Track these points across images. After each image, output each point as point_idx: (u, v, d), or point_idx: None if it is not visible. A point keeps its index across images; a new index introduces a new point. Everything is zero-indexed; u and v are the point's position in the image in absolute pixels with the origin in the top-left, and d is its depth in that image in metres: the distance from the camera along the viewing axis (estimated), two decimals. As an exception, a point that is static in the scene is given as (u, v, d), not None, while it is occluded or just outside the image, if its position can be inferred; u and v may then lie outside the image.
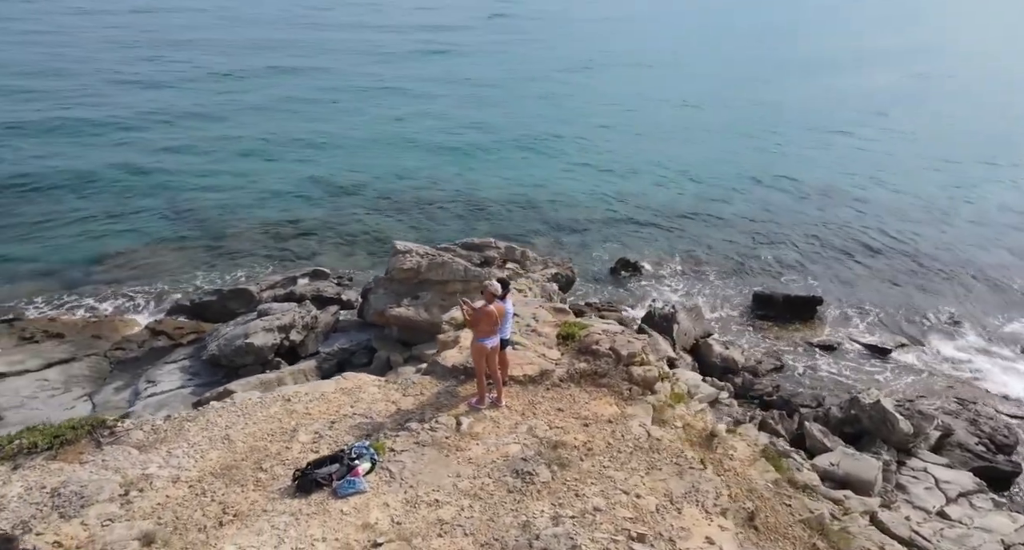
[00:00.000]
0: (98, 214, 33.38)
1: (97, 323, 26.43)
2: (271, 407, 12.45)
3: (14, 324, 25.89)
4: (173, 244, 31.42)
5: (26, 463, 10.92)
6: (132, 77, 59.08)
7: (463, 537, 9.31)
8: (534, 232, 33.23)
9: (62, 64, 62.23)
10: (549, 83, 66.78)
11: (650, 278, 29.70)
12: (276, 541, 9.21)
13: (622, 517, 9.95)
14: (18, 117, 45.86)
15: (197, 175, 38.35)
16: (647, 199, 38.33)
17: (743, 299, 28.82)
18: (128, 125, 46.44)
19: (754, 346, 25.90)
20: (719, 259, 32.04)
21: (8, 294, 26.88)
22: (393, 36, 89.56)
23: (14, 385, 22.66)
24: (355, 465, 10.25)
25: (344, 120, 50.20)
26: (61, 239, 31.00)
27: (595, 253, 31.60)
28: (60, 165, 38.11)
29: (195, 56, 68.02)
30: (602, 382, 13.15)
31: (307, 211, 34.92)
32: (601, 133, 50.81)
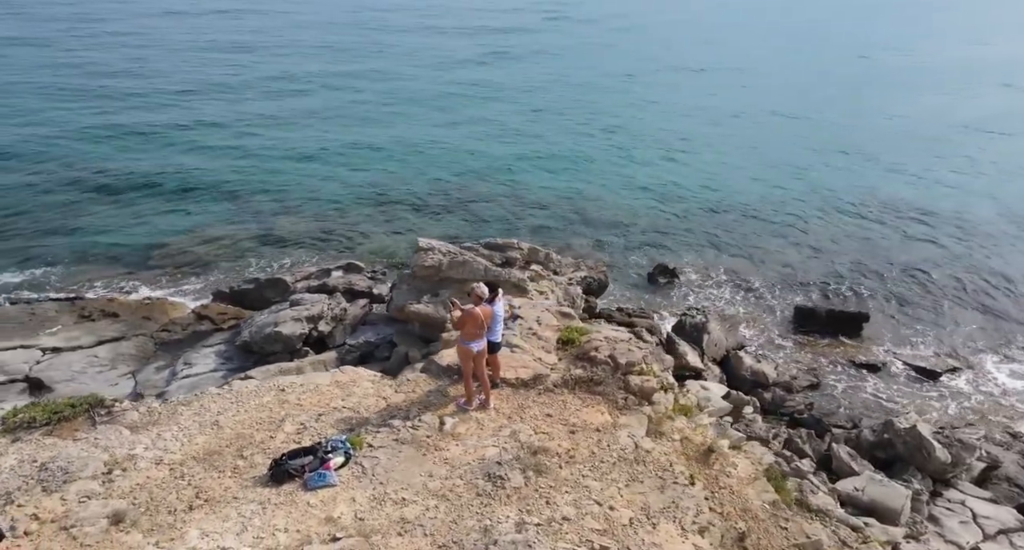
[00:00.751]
0: (163, 205, 35.39)
1: (149, 305, 27.62)
2: (265, 396, 12.72)
3: (76, 303, 27.30)
4: (228, 234, 32.70)
5: (24, 436, 11.44)
6: (203, 79, 60.91)
7: (422, 537, 9.33)
8: (575, 233, 33.03)
9: (141, 65, 64.78)
10: (606, 86, 66.21)
11: (688, 286, 29.15)
12: (239, 528, 9.40)
13: (590, 528, 9.80)
14: (98, 115, 48.12)
15: (256, 172, 39.98)
16: (698, 205, 37.65)
17: (785, 312, 28.02)
18: (194, 125, 48.18)
19: (791, 361, 25.16)
20: (764, 270, 31.21)
21: (76, 276, 28.67)
22: (455, 40, 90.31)
23: (68, 359, 23.84)
24: (328, 458, 10.38)
25: (399, 122, 50.96)
26: (128, 227, 32.98)
27: (634, 258, 31.21)
28: (133, 159, 40.19)
29: (264, 59, 69.80)
30: (597, 390, 12.98)
31: (355, 207, 35.69)
32: (661, 138, 50.07)
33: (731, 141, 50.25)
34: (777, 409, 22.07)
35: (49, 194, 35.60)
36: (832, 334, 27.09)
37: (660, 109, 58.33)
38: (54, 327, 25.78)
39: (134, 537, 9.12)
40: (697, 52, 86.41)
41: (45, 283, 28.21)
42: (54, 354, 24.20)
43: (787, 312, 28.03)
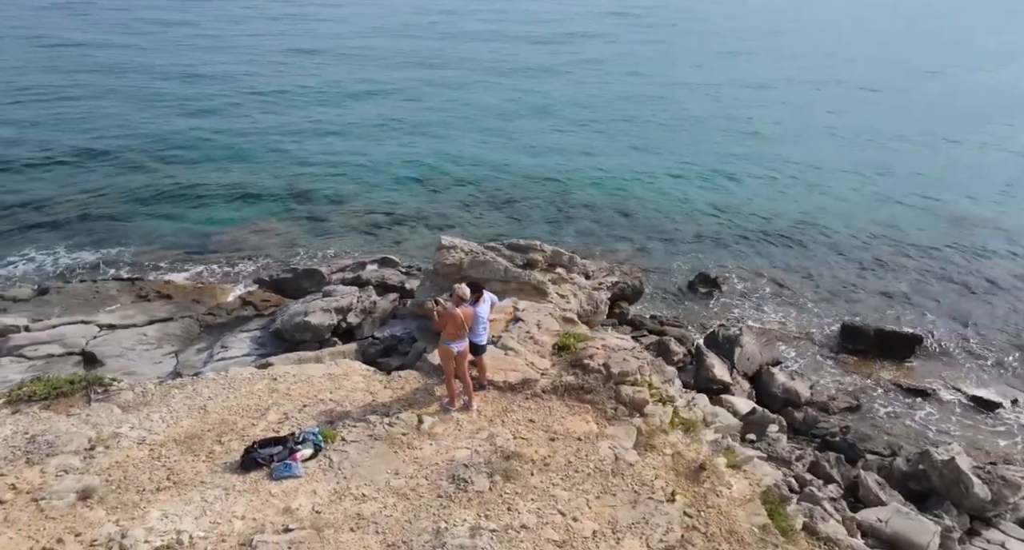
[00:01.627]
0: (226, 195, 37.17)
1: (200, 288, 28.85)
2: (257, 384, 13.02)
3: (135, 283, 28.80)
4: (283, 224, 34.01)
5: (24, 409, 12.03)
6: (270, 81, 62.40)
7: (373, 534, 9.40)
8: (620, 237, 32.66)
9: (213, 68, 67.20)
10: (669, 94, 64.95)
11: (730, 297, 28.42)
12: (199, 512, 9.65)
13: (547, 538, 9.69)
14: (174, 114, 50.44)
15: (316, 167, 41.34)
16: (753, 215, 36.67)
17: (831, 329, 27.01)
18: (262, 125, 49.91)
19: (831, 381, 24.27)
20: (815, 284, 30.17)
21: (140, 258, 30.51)
22: (514, 45, 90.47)
23: (120, 336, 25.13)
24: (297, 450, 10.56)
25: (455, 122, 51.47)
26: (193, 215, 34.92)
27: (677, 264, 30.62)
28: (204, 154, 42.42)
29: (328, 62, 71.16)
30: (587, 398, 12.81)
31: (406, 202, 36.35)
32: (721, 145, 48.95)
33: (795, 150, 48.77)
34: (808, 430, 21.32)
35: (127, 183, 37.93)
36: (881, 355, 25.98)
37: (721, 117, 56.96)
38: (113, 305, 27.22)
39: (97, 513, 9.46)
40: (756, 62, 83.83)
41: (114, 263, 30.11)
42: (109, 331, 25.53)
43: (833, 329, 27.04)
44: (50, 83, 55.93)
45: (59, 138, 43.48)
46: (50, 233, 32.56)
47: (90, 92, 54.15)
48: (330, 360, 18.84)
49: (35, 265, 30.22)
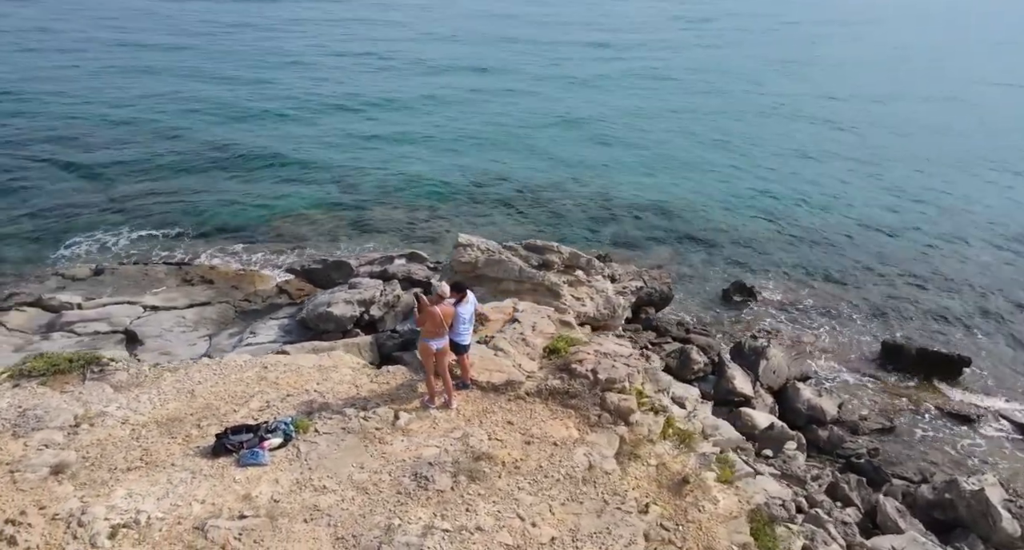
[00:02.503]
0: (279, 186, 38.42)
1: (241, 275, 29.79)
2: (247, 371, 13.30)
3: (182, 268, 30.03)
4: (329, 216, 34.91)
5: (24, 384, 12.57)
6: (324, 85, 63.82)
7: (325, 527, 9.50)
8: (658, 241, 32.20)
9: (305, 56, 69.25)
10: (739, 92, 63.61)
11: (766, 307, 27.65)
12: (162, 493, 9.92)
13: (500, 542, 9.64)
14: (239, 103, 52.42)
15: (366, 161, 42.26)
16: (797, 220, 35.69)
17: (871, 346, 26.01)
18: (323, 110, 51.26)
19: (865, 400, 23.35)
20: (860, 298, 29.13)
21: (191, 243, 31.88)
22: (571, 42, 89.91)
23: (161, 318, 26.21)
24: (266, 438, 10.72)
25: (505, 122, 51.65)
26: (246, 203, 36.14)
27: (715, 271, 29.97)
28: (262, 145, 43.79)
29: (383, 66, 72.04)
30: (571, 403, 12.66)
31: (448, 201, 36.66)
32: (778, 151, 47.69)
33: (855, 159, 47.09)
34: (833, 449, 20.61)
35: (190, 173, 39.73)
36: (923, 376, 24.92)
37: (786, 120, 55.48)
38: (159, 288, 28.41)
39: (65, 488, 9.81)
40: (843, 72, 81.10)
41: (169, 246, 31.54)
42: (152, 312, 26.67)
43: (874, 347, 26.00)
44: (125, 81, 58.41)
45: (132, 131, 45.76)
46: (116, 216, 34.29)
47: (162, 89, 56.34)
48: (343, 350, 19.11)
49: (98, 245, 31.82)
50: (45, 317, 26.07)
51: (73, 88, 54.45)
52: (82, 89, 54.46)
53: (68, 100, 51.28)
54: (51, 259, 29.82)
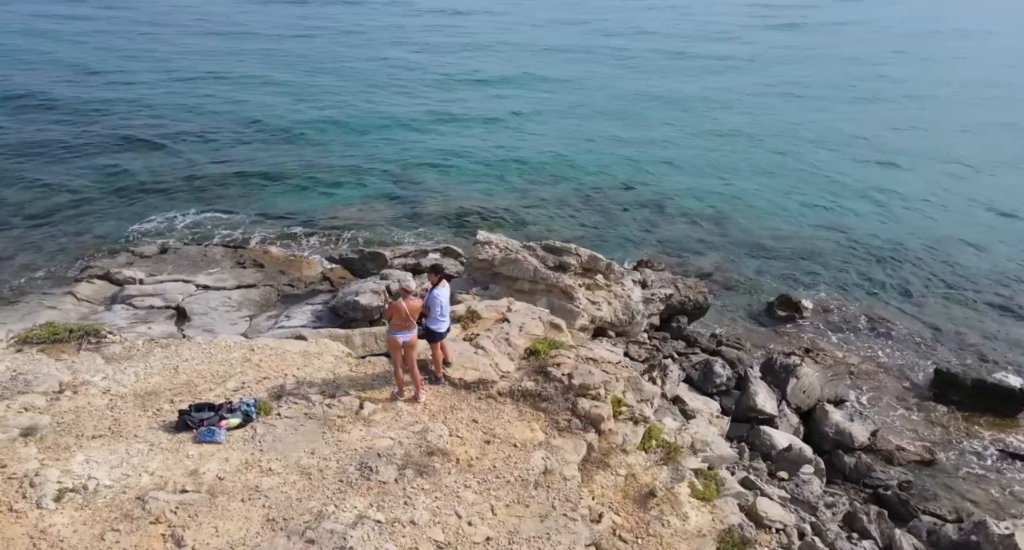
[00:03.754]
0: (342, 177, 39.72)
1: (291, 261, 30.90)
2: (234, 352, 13.74)
3: (237, 250, 31.32)
4: (385, 207, 35.71)
5: (26, 350, 13.36)
6: (396, 73, 65.15)
7: (260, 507, 9.74)
8: (709, 247, 31.44)
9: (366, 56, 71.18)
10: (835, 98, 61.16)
11: (812, 323, 26.59)
12: (118, 461, 10.39)
13: (430, 537, 9.69)
14: (314, 99, 54.53)
15: (427, 154, 43.22)
16: (869, 235, 34.16)
17: (923, 373, 24.61)
18: (393, 115, 52.54)
19: (908, 429, 22.11)
20: (919, 320, 27.66)
21: (251, 226, 33.41)
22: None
23: (209, 297, 27.53)
24: (225, 417, 11.06)
25: (576, 123, 51.42)
26: (309, 191, 37.80)
27: (765, 282, 29.02)
28: (333, 138, 45.87)
29: (464, 57, 72.79)
30: (542, 406, 12.57)
31: (502, 197, 37.08)
32: (856, 161, 45.62)
33: (948, 171, 44.61)
34: (860, 478, 19.68)
35: (261, 159, 41.74)
36: (978, 409, 23.48)
37: (870, 126, 52.98)
38: (214, 268, 29.82)
39: (29, 450, 10.40)
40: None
41: (232, 228, 33.14)
42: (203, 291, 28.07)
43: (927, 373, 24.60)
44: (210, 68, 61.35)
45: (215, 118, 48.71)
46: (189, 197, 36.42)
47: (244, 78, 58.90)
48: (359, 339, 19.45)
49: (168, 224, 33.65)
50: (110, 290, 27.85)
51: (173, 77, 57.92)
52: (181, 78, 57.86)
53: (169, 89, 54.76)
54: (128, 234, 31.73)
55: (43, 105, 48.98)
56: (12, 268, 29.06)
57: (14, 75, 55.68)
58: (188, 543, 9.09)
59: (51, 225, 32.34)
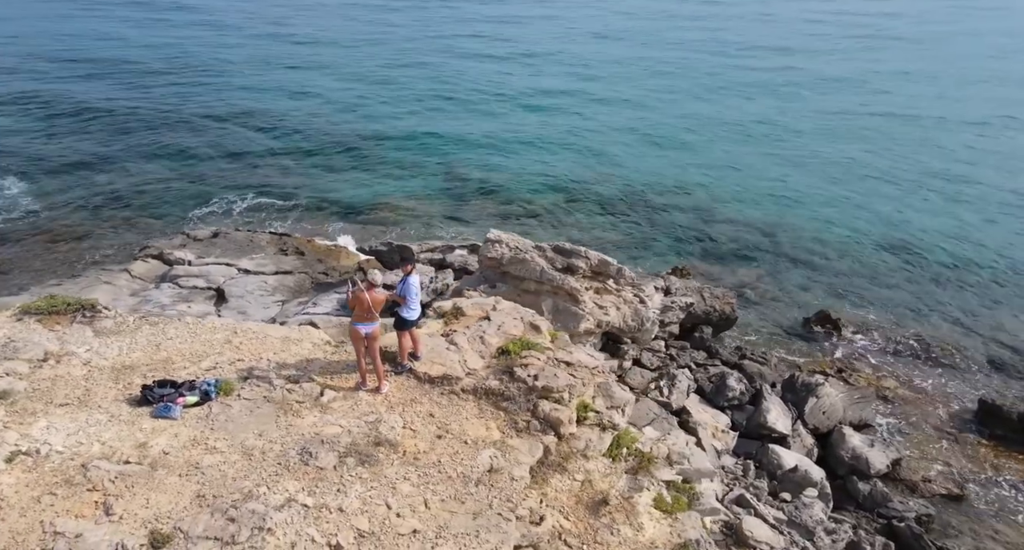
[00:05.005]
0: (394, 171, 41.07)
1: (330, 250, 31.78)
2: (218, 333, 14.25)
3: (282, 238, 32.38)
4: (430, 202, 36.58)
5: (26, 319, 14.19)
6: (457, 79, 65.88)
7: (194, 484, 10.11)
8: (752, 259, 30.67)
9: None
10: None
11: (850, 342, 25.57)
12: (75, 429, 10.97)
13: (353, 525, 9.88)
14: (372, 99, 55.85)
15: (480, 154, 43.90)
16: (929, 255, 32.55)
17: (966, 402, 23.34)
18: (452, 104, 53.55)
19: (938, 460, 21.03)
20: (971, 347, 26.26)
21: (300, 215, 35.00)
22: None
23: (247, 280, 28.66)
24: (183, 395, 11.49)
25: (636, 129, 50.97)
26: (361, 184, 39.06)
27: (807, 297, 28.09)
28: (386, 136, 46.78)
29: (530, 63, 72.52)
30: (503, 405, 12.60)
31: (545, 195, 37.16)
32: (928, 168, 43.41)
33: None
34: (874, 507, 18.84)
35: (322, 151, 43.67)
36: (1022, 444, 21.97)
37: (953, 143, 50.28)
38: (257, 254, 30.95)
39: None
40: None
41: (282, 216, 34.79)
42: (243, 274, 29.26)
43: (969, 403, 23.34)
44: (287, 67, 63.96)
45: (284, 111, 50.89)
46: (250, 183, 38.37)
47: (315, 76, 61.00)
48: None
49: (226, 208, 35.23)
50: (162, 269, 29.36)
51: (253, 74, 61.23)
52: (266, 75, 60.70)
53: (253, 83, 57.57)
54: (190, 217, 33.35)
55: (134, 94, 52.42)
56: (85, 244, 31.27)
57: (112, 68, 59.59)
58: (116, 512, 9.49)
59: (127, 206, 34.54)
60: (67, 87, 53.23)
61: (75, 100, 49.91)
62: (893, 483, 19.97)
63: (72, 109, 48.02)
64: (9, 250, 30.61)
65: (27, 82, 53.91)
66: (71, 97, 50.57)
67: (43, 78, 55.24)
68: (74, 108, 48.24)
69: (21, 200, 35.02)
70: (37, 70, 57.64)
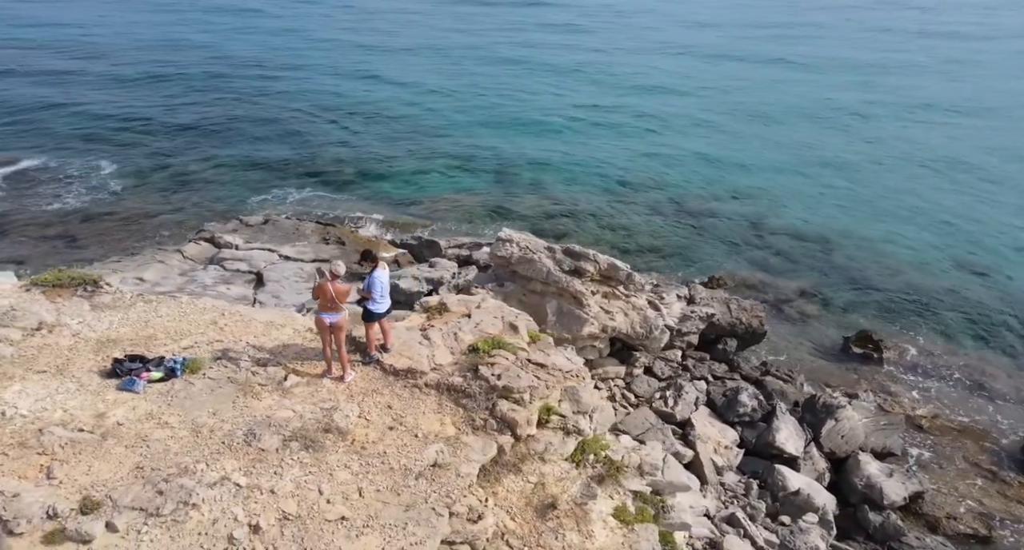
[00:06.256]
0: (447, 166, 41.82)
1: (370, 241, 32.61)
2: (206, 314, 14.88)
3: (327, 228, 33.42)
4: (476, 199, 36.96)
5: (33, 290, 15.15)
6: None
7: (137, 456, 10.65)
8: (800, 273, 29.84)
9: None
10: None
11: (892, 365, 24.55)
12: (44, 395, 11.71)
13: (279, 507, 10.23)
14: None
15: (532, 153, 44.18)
16: (1000, 282, 30.59)
17: (1011, 437, 22.11)
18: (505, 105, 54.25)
19: (968, 498, 19.98)
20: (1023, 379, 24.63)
21: (350, 205, 36.21)
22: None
23: (285, 266, 29.88)
24: (149, 370, 12.08)
25: (694, 128, 49.96)
26: (411, 178, 40.03)
27: (851, 315, 27.15)
28: (447, 130, 47.80)
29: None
30: (463, 402, 12.73)
31: (594, 196, 36.90)
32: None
33: None
34: (885, 540, 18.10)
35: (377, 147, 45.01)
36: (1067, 487, 20.71)
37: None
38: (300, 242, 32.09)
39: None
40: None
41: (333, 205, 35.90)
42: (284, 260, 30.38)
43: (1014, 439, 22.04)
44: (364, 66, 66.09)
45: (353, 105, 53.02)
46: (307, 174, 39.49)
47: (387, 75, 62.76)
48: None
49: (282, 197, 36.55)
50: (211, 252, 30.84)
51: (326, 71, 63.96)
52: (333, 73, 63.42)
53: (328, 82, 60.09)
54: (248, 204, 34.80)
55: (220, 89, 55.93)
56: (152, 224, 33.44)
57: (201, 67, 63.27)
58: (58, 476, 10.07)
59: (195, 190, 36.67)
60: (162, 83, 57.20)
61: (168, 94, 54.11)
62: (914, 517, 19.10)
63: (164, 102, 51.98)
64: (91, 226, 32.94)
65: (133, 76, 58.53)
66: (166, 91, 54.82)
67: (146, 74, 59.49)
68: (167, 102, 52.11)
69: (110, 181, 37.64)
70: (141, 69, 61.83)
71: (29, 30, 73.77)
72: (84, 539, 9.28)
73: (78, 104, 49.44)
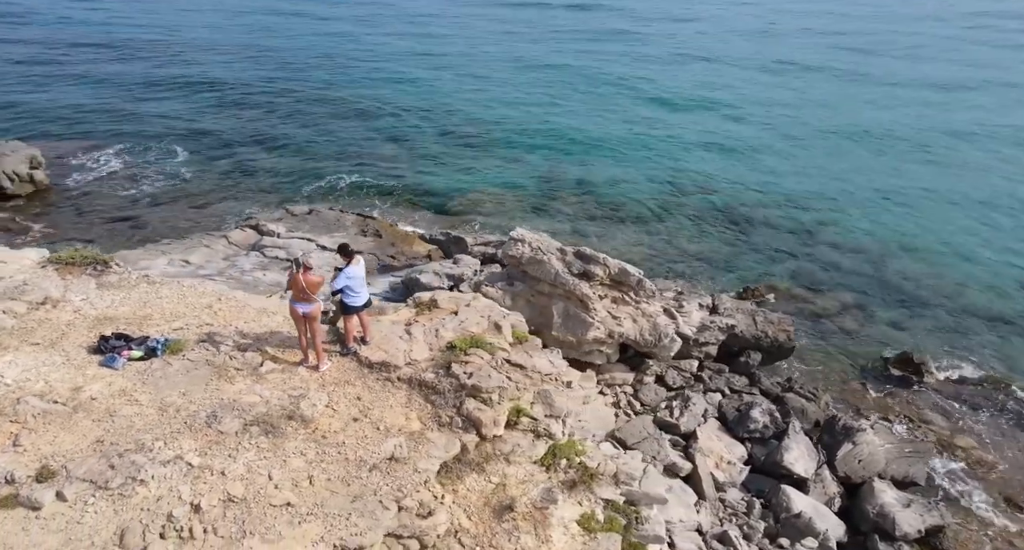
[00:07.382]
0: (493, 162, 42.25)
1: (406, 235, 33.26)
2: (203, 298, 15.56)
3: (367, 220, 34.24)
4: (515, 196, 37.39)
5: (50, 267, 16.10)
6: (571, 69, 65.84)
7: (100, 430, 11.30)
8: (850, 285, 28.89)
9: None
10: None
11: (931, 391, 23.51)
12: (30, 366, 12.51)
13: (226, 489, 10.67)
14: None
15: (576, 152, 44.34)
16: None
17: (1057, 474, 20.98)
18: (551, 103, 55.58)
19: (1000, 540, 19.08)
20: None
21: (394, 198, 37.09)
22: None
23: (322, 256, 30.58)
24: (131, 348, 12.74)
25: (762, 138, 49.31)
26: (456, 174, 40.52)
27: (897, 334, 26.12)
28: (497, 132, 48.10)
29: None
30: (432, 399, 13.00)
31: (636, 202, 36.69)
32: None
33: None
34: (890, 574, 17.42)
35: (431, 141, 45.81)
36: (1114, 532, 19.53)
37: None
38: (339, 232, 32.97)
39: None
40: None
41: (376, 197, 36.88)
42: (320, 250, 31.19)
43: (1061, 474, 20.94)
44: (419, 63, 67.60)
45: (409, 101, 53.99)
46: (361, 163, 40.59)
47: (449, 73, 63.79)
48: (392, 310, 20.72)
49: (332, 187, 37.50)
50: (254, 239, 31.98)
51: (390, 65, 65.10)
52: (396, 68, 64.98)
53: (390, 76, 61.59)
54: (301, 192, 36.02)
55: (289, 80, 58.31)
56: (210, 209, 34.94)
57: (271, 59, 65.95)
58: (23, 444, 10.76)
59: (253, 178, 38.00)
60: (235, 74, 59.88)
61: (242, 83, 56.91)
62: (913, 545, 18.29)
63: (237, 93, 54.48)
64: (158, 210, 34.74)
65: (207, 69, 61.38)
66: (239, 81, 57.56)
67: (218, 67, 62.30)
68: (239, 92, 54.66)
69: (181, 168, 39.70)
70: (214, 60, 64.88)
71: (124, 29, 78.04)
72: (34, 506, 9.89)
73: (162, 99, 52.32)
